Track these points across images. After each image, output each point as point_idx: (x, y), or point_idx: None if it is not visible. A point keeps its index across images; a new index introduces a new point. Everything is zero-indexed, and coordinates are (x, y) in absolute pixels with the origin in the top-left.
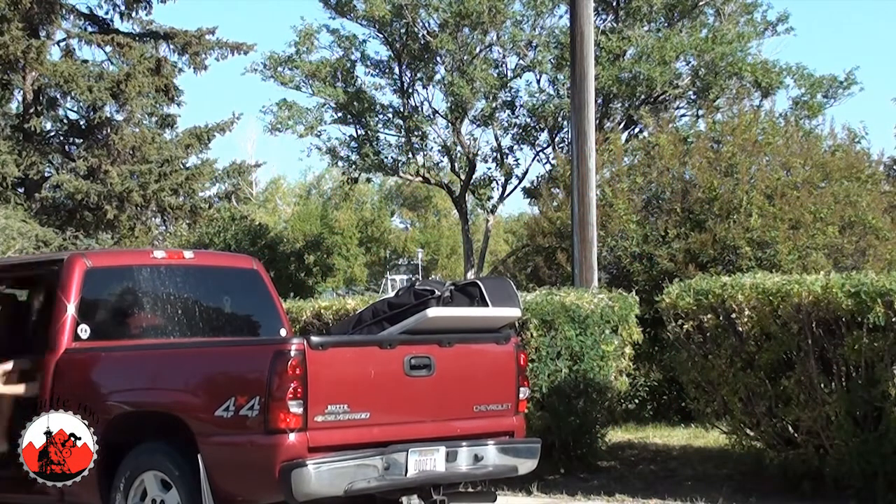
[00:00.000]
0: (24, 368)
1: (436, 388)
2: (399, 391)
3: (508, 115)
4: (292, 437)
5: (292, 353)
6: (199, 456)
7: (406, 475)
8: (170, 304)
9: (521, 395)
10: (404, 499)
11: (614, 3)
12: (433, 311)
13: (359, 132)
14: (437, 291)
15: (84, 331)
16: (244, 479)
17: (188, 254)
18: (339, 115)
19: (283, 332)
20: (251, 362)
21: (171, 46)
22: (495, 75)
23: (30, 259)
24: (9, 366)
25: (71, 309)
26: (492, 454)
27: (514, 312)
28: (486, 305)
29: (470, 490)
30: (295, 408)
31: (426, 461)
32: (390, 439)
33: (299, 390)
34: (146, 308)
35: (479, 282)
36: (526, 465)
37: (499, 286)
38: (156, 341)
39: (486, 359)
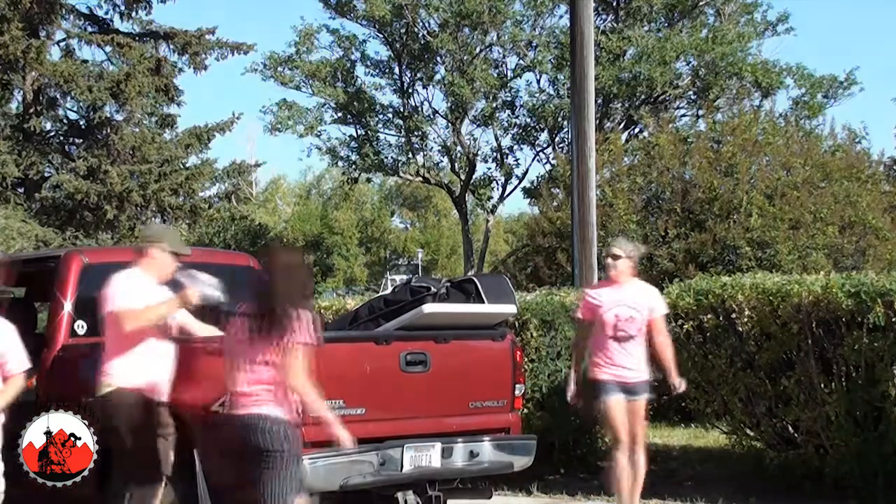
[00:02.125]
0: None
1: (431, 385)
2: (395, 387)
3: (508, 115)
4: None
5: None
6: (194, 451)
7: (401, 471)
8: None
9: (516, 392)
10: (399, 495)
11: (614, 3)
12: (429, 308)
13: (359, 132)
14: (433, 288)
15: (81, 327)
16: (239, 474)
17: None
18: (339, 115)
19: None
20: None
21: (171, 46)
22: (495, 75)
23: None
24: None
25: (67, 306)
26: (487, 450)
27: (509, 309)
28: (482, 302)
29: (466, 486)
30: None
31: (422, 457)
32: (386, 435)
33: None
34: None
35: (474, 278)
36: (521, 462)
37: (494, 283)
38: None
39: (481, 355)
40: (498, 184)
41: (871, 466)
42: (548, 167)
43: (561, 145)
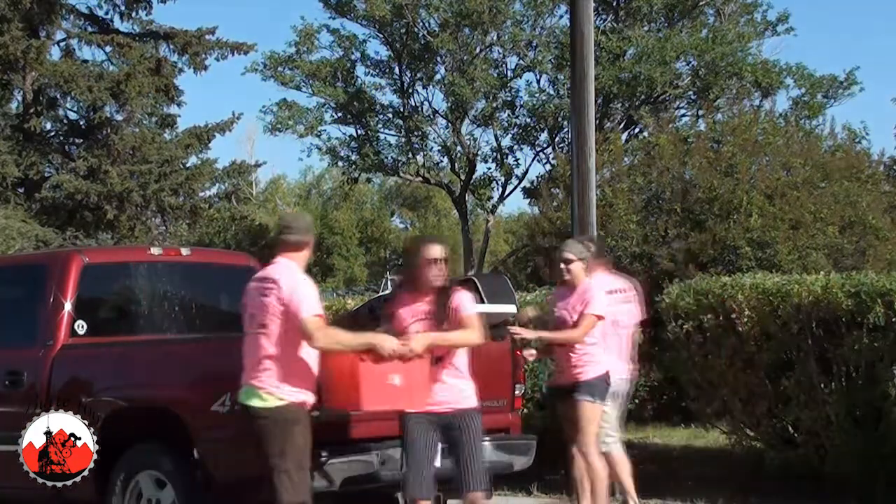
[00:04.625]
0: None
1: None
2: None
3: (508, 115)
4: None
5: None
6: (194, 451)
7: (402, 471)
8: (166, 300)
9: (516, 392)
10: (399, 494)
11: (614, 3)
12: None
13: (359, 132)
14: None
15: (81, 327)
16: (240, 474)
17: (185, 251)
18: (339, 115)
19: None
20: None
21: (171, 46)
22: (495, 75)
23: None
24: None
25: (68, 305)
26: (487, 450)
27: (509, 309)
28: (482, 302)
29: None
30: None
31: None
32: (386, 435)
33: None
34: (143, 304)
35: (474, 278)
36: (521, 462)
37: (494, 282)
38: (152, 337)
39: (481, 355)
40: (498, 184)
41: (871, 466)
42: (548, 167)
43: (561, 145)
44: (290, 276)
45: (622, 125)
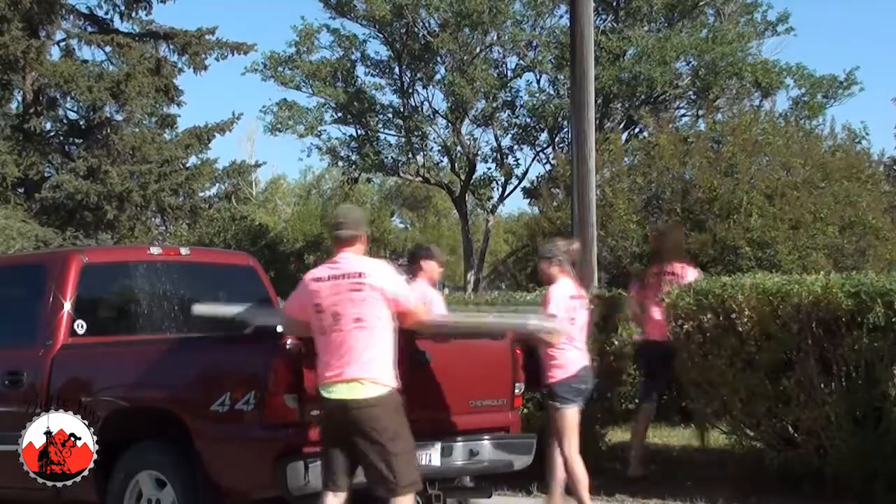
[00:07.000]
0: None
1: (431, 383)
2: None
3: (508, 115)
4: (288, 431)
5: (288, 348)
6: (194, 451)
7: None
8: (166, 300)
9: (516, 391)
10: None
11: (614, 3)
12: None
13: (359, 132)
14: None
15: (80, 326)
16: (239, 473)
17: (184, 250)
18: (339, 115)
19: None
20: (247, 357)
21: (171, 46)
22: (495, 75)
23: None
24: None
25: (67, 305)
26: (487, 449)
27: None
28: None
29: (465, 485)
30: (290, 402)
31: (421, 456)
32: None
33: (295, 384)
34: (142, 304)
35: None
36: (521, 461)
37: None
38: (152, 337)
39: (481, 354)
40: (498, 184)
41: (871, 466)
42: (548, 167)
43: (561, 145)
44: (376, 268)
45: (622, 125)
